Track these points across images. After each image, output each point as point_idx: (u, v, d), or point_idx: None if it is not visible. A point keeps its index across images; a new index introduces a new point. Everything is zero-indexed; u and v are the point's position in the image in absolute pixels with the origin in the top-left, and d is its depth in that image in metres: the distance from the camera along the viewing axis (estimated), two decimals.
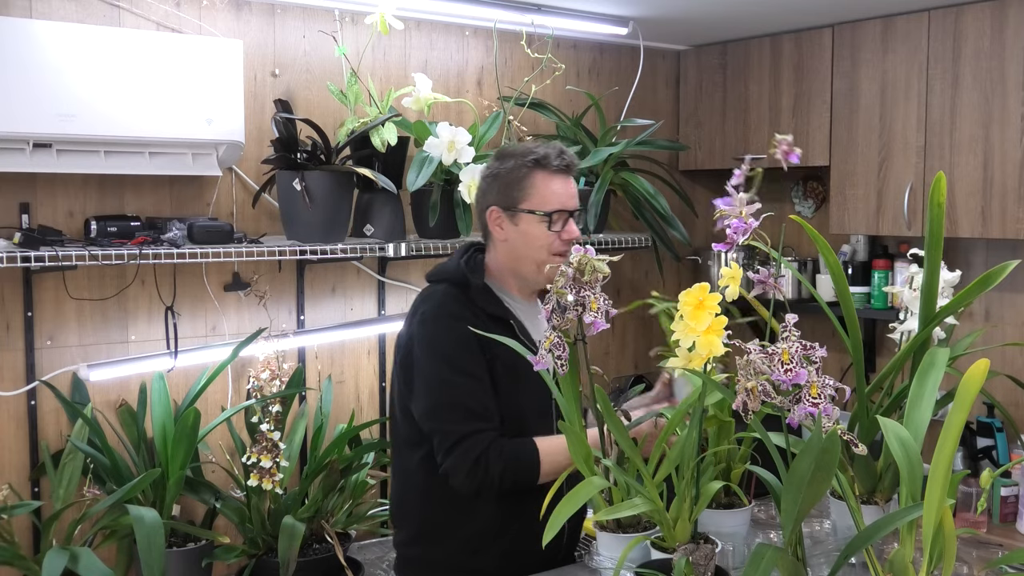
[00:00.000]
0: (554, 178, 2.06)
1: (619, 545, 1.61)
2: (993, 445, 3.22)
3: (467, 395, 1.95)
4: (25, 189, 2.58)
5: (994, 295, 3.38)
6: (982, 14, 3.08)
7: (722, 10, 3.31)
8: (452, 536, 2.03)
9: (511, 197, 2.05)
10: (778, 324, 1.42)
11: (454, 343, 1.97)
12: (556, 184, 2.06)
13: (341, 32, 2.98)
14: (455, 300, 2.03)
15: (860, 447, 1.40)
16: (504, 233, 2.07)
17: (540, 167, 2.05)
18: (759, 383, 1.37)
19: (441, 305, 2.03)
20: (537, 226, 2.03)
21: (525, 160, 2.06)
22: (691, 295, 1.49)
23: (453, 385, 1.95)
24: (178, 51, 2.58)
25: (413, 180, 2.75)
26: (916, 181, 3.27)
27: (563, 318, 1.61)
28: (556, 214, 2.03)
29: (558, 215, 2.04)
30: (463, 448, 1.90)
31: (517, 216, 2.05)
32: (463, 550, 2.02)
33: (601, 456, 1.70)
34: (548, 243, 2.04)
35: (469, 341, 1.93)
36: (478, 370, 1.96)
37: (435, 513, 2.04)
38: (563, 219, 2.05)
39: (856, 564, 1.63)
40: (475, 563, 2.02)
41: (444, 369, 1.96)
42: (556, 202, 2.05)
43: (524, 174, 2.05)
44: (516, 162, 2.07)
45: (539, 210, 2.03)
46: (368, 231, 2.89)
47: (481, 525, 2.01)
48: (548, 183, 2.05)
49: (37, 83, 2.38)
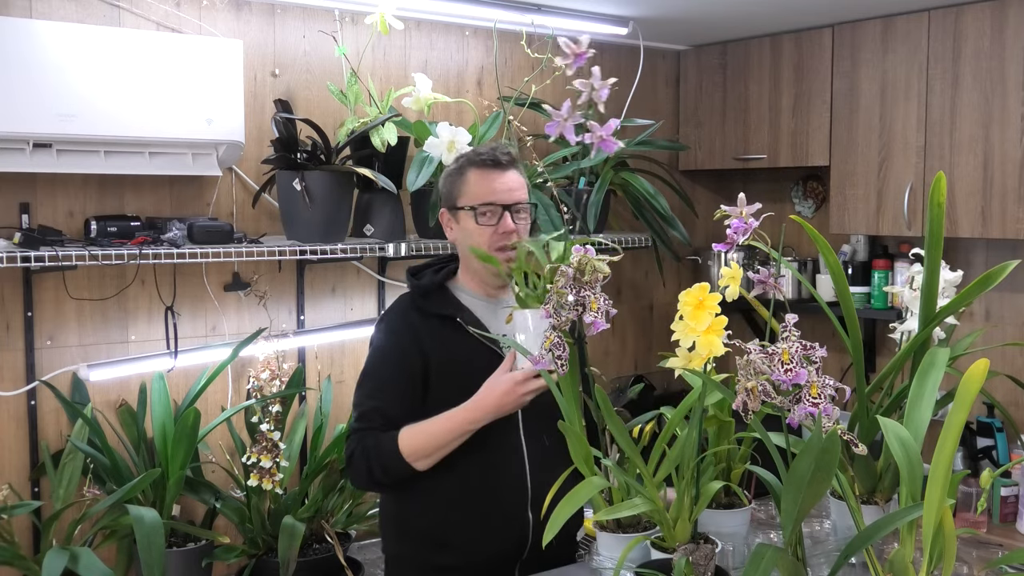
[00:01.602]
0: (486, 173, 2.08)
1: (619, 545, 1.61)
2: (993, 445, 3.22)
3: (365, 398, 2.07)
4: (25, 189, 2.58)
5: (994, 295, 3.38)
6: (982, 14, 3.08)
7: (722, 10, 3.31)
8: (413, 532, 2.09)
9: (451, 197, 2.11)
10: (778, 324, 1.42)
11: (374, 352, 2.12)
12: (487, 179, 2.07)
13: (341, 32, 2.98)
14: (401, 307, 2.14)
15: (860, 447, 1.40)
16: (453, 233, 2.13)
17: (472, 164, 2.09)
18: (759, 383, 1.37)
19: (385, 314, 2.18)
20: (472, 222, 2.06)
21: (462, 160, 2.13)
22: (691, 295, 1.49)
23: (360, 388, 2.10)
24: (178, 51, 2.58)
25: (413, 180, 2.75)
26: (916, 181, 3.27)
27: (563, 318, 1.61)
28: (483, 207, 2.05)
29: (485, 208, 2.05)
30: (346, 447, 2.05)
31: (457, 215, 2.10)
32: (426, 546, 2.07)
33: (602, 456, 1.71)
34: (484, 239, 2.05)
35: (390, 350, 2.08)
36: (391, 376, 2.06)
37: (397, 510, 2.13)
38: (494, 213, 2.05)
39: (856, 564, 1.63)
40: (441, 559, 2.05)
41: (361, 375, 2.12)
42: (484, 196, 2.06)
43: (460, 173, 2.11)
44: (457, 163, 2.14)
45: (468, 205, 2.06)
46: (368, 231, 2.89)
47: (434, 521, 2.05)
48: (479, 178, 2.08)
49: (37, 83, 2.38)
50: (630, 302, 3.96)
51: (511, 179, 2.09)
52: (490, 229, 2.05)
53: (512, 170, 2.11)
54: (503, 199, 2.06)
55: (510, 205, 2.07)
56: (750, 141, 3.78)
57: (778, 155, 3.70)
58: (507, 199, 2.07)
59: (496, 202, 2.06)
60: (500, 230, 2.05)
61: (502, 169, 2.09)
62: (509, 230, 2.05)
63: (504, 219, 2.05)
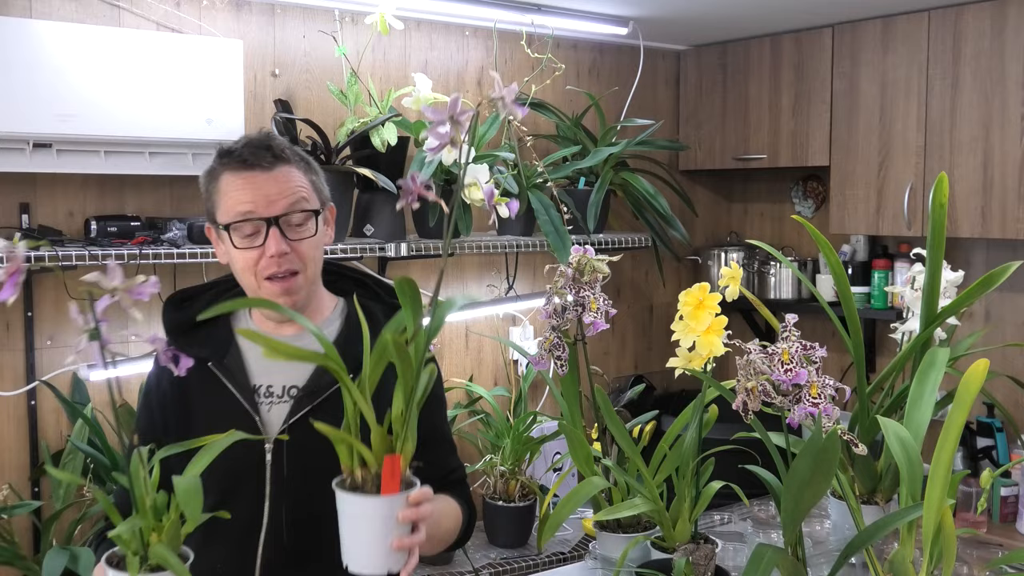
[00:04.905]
0: (238, 177, 1.57)
1: (619, 545, 1.61)
2: (993, 445, 3.22)
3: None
4: (25, 189, 2.58)
5: (995, 295, 3.38)
6: (982, 14, 3.08)
7: (722, 10, 3.31)
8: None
9: (208, 208, 1.63)
10: (778, 324, 1.42)
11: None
12: (239, 184, 1.57)
13: (341, 32, 2.98)
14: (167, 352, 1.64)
15: (860, 447, 1.40)
16: (219, 253, 1.66)
17: (223, 165, 1.60)
18: (759, 383, 1.37)
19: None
20: (230, 244, 1.58)
21: (214, 158, 1.62)
22: (691, 295, 1.49)
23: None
24: (178, 51, 2.58)
25: None
26: (916, 181, 3.27)
27: (563, 318, 1.61)
28: (236, 225, 1.56)
29: (240, 227, 1.56)
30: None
31: (218, 231, 1.61)
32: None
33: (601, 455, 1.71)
34: (248, 263, 1.58)
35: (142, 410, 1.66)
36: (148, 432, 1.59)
37: None
38: (255, 230, 1.56)
39: (856, 564, 1.63)
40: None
41: None
42: (237, 208, 1.56)
43: (213, 177, 1.61)
44: (213, 160, 1.63)
45: (222, 223, 1.58)
46: (368, 231, 2.89)
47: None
48: (231, 185, 1.58)
49: (37, 83, 2.38)
50: (630, 302, 3.96)
51: (273, 181, 1.57)
52: (253, 253, 1.56)
53: (279, 167, 1.58)
54: (263, 211, 1.55)
55: (276, 217, 1.56)
56: (750, 141, 3.78)
57: (778, 155, 3.70)
58: (268, 210, 1.55)
59: (254, 215, 1.55)
60: (266, 253, 1.55)
61: (260, 169, 1.57)
62: (275, 253, 1.55)
63: (270, 238, 1.55)
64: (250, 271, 1.58)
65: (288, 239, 1.56)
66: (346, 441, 1.22)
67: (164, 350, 1.19)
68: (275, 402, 1.60)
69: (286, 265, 1.56)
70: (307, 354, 1.23)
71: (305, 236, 1.59)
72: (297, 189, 1.58)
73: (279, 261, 1.55)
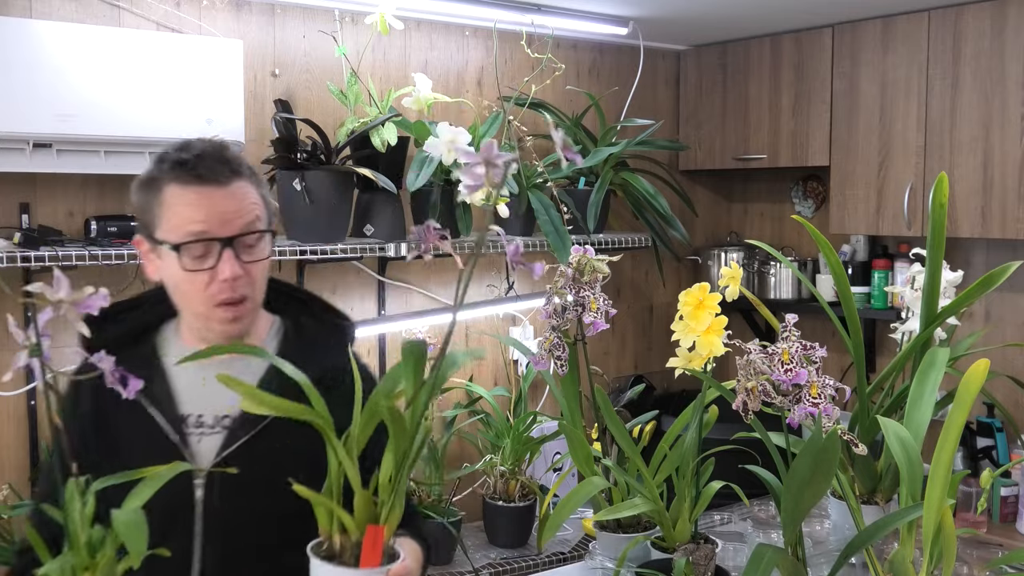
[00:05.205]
0: (188, 191, 1.41)
1: (619, 545, 1.61)
2: (993, 445, 3.22)
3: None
4: (25, 189, 2.58)
5: (994, 295, 3.38)
6: (982, 14, 3.08)
7: (722, 10, 3.31)
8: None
9: (146, 220, 1.46)
10: (778, 323, 1.42)
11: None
12: (191, 199, 1.41)
13: (341, 32, 2.98)
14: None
15: (860, 447, 1.40)
16: (153, 271, 1.49)
17: (170, 175, 1.43)
18: (759, 383, 1.37)
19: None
20: (175, 264, 1.42)
21: (158, 163, 1.45)
22: (691, 295, 1.49)
23: None
24: (178, 51, 2.58)
25: (413, 180, 2.75)
26: (916, 181, 3.27)
27: (563, 318, 1.61)
28: (187, 247, 1.40)
29: (190, 248, 1.40)
30: None
31: (157, 248, 1.45)
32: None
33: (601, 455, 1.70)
34: (197, 287, 1.42)
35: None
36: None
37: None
38: (207, 251, 1.41)
39: (856, 564, 1.63)
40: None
41: None
42: (185, 228, 1.40)
43: (154, 186, 1.44)
44: (153, 167, 1.46)
45: (168, 241, 1.42)
46: (368, 231, 2.89)
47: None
48: (179, 199, 1.42)
49: (37, 83, 2.38)
50: (630, 302, 3.96)
51: (230, 198, 1.43)
52: (203, 276, 1.42)
53: (236, 182, 1.43)
54: (217, 231, 1.41)
55: (231, 238, 1.42)
56: (750, 141, 3.78)
57: (778, 155, 3.70)
58: (223, 230, 1.41)
59: (208, 235, 1.40)
60: (219, 277, 1.41)
61: (216, 184, 1.42)
62: (229, 277, 1.41)
63: (223, 261, 1.41)
64: (198, 295, 1.43)
65: (242, 261, 1.43)
66: (326, 505, 1.13)
67: (112, 370, 1.09)
68: (206, 432, 1.46)
69: (241, 290, 1.43)
70: (295, 408, 1.12)
71: (258, 258, 1.45)
72: (252, 207, 1.45)
73: (233, 285, 1.42)
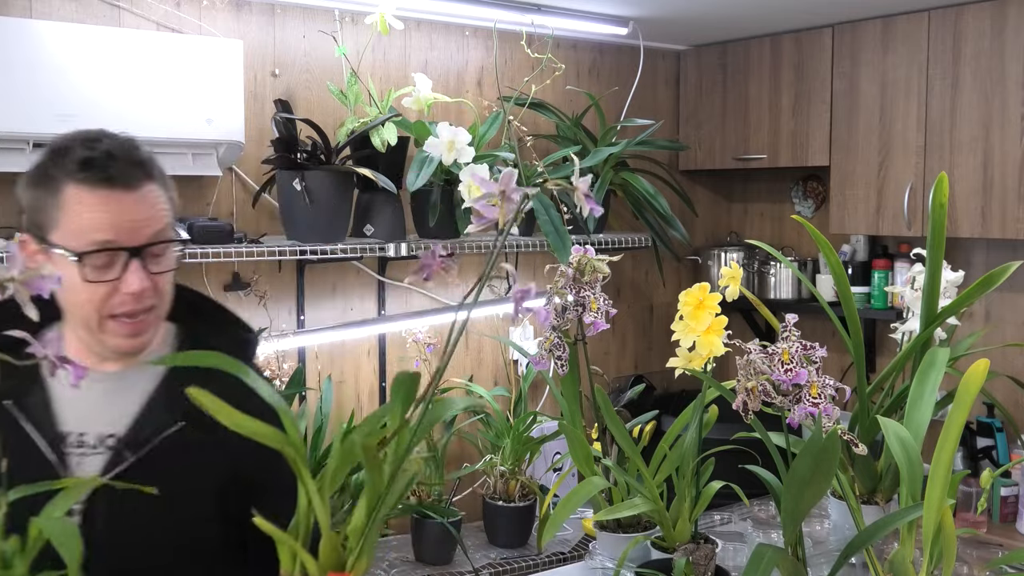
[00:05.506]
0: (92, 194, 1.27)
1: (619, 545, 1.61)
2: (993, 445, 3.22)
3: None
4: None
5: (994, 295, 3.38)
6: (982, 14, 3.08)
7: (722, 10, 3.31)
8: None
9: (37, 219, 1.33)
10: (778, 323, 1.42)
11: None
12: (96, 204, 1.27)
13: (341, 32, 2.98)
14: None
15: (860, 447, 1.40)
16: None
17: (72, 174, 1.29)
18: (759, 383, 1.37)
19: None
20: (72, 272, 1.27)
21: (55, 160, 1.31)
22: (691, 295, 1.49)
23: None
24: (178, 51, 2.58)
25: (413, 180, 2.75)
26: (916, 181, 3.27)
27: (563, 318, 1.61)
28: (90, 256, 1.27)
29: (93, 258, 1.27)
30: None
31: (49, 252, 1.30)
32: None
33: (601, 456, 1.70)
34: (96, 300, 1.29)
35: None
36: None
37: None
38: (110, 261, 1.28)
39: (856, 564, 1.63)
40: None
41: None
42: (89, 236, 1.27)
43: (52, 186, 1.30)
44: (47, 163, 1.32)
45: (67, 248, 1.28)
46: (368, 231, 2.89)
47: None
48: (81, 202, 1.28)
49: (37, 83, 2.38)
50: (630, 302, 3.96)
51: (141, 204, 1.31)
52: (104, 288, 1.28)
53: (147, 186, 1.32)
54: (125, 240, 1.28)
55: (140, 248, 1.29)
56: (750, 141, 3.78)
57: (778, 155, 3.70)
58: (132, 239, 1.29)
59: (115, 244, 1.28)
60: (124, 290, 1.29)
61: (126, 188, 1.29)
62: (136, 291, 1.29)
63: (130, 273, 1.28)
64: (94, 307, 1.29)
65: (149, 272, 1.30)
66: (291, 546, 1.05)
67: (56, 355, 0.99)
68: (88, 453, 1.33)
69: (146, 302, 1.31)
70: (269, 432, 1.03)
71: (166, 268, 1.33)
72: (163, 213, 1.34)
73: (138, 298, 1.29)
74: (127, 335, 1.32)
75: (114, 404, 1.35)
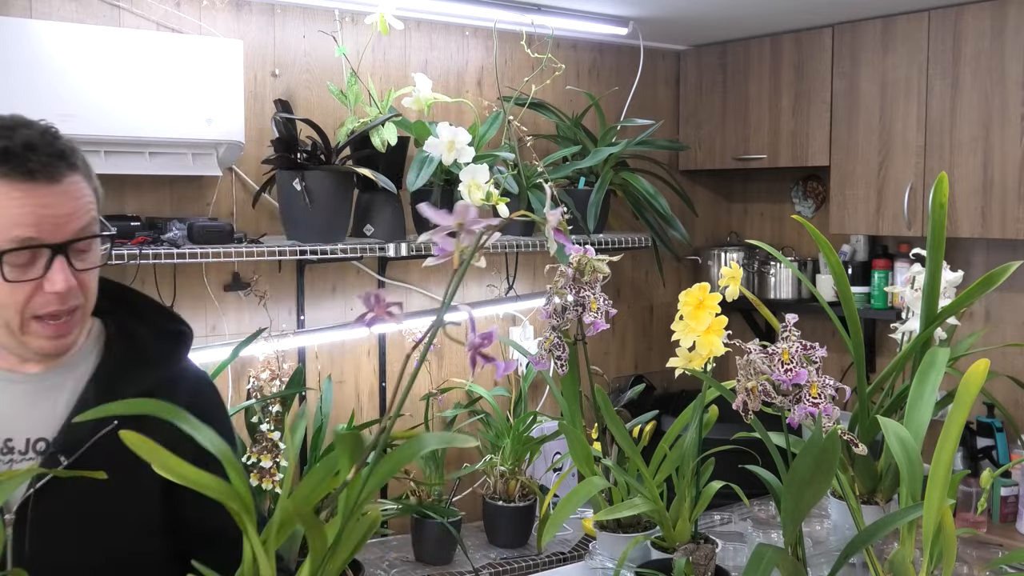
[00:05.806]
0: (12, 188, 1.20)
1: (619, 545, 1.61)
2: (993, 445, 3.22)
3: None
4: None
5: (994, 295, 3.38)
6: (982, 14, 3.08)
7: (722, 10, 3.31)
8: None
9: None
10: (778, 323, 1.42)
11: None
12: (16, 199, 1.20)
13: (341, 32, 2.98)
14: None
15: (860, 447, 1.40)
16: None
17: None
18: (759, 383, 1.37)
19: None
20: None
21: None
22: (691, 295, 1.49)
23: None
24: (178, 51, 2.58)
25: (413, 180, 2.75)
26: (916, 181, 3.27)
27: (563, 318, 1.61)
28: (10, 254, 1.20)
29: (13, 256, 1.20)
30: None
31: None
32: None
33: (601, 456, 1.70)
34: (16, 300, 1.22)
35: None
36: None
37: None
38: (36, 260, 1.22)
39: (856, 564, 1.63)
40: None
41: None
42: (10, 234, 1.20)
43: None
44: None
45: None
46: (368, 231, 2.89)
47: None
48: (3, 196, 1.20)
49: (37, 83, 2.38)
50: (630, 302, 3.96)
51: (64, 198, 1.23)
52: (25, 288, 1.22)
53: (70, 178, 1.23)
54: (48, 237, 1.21)
55: (63, 244, 1.22)
56: (750, 141, 3.79)
57: (778, 155, 3.70)
58: (55, 235, 1.22)
59: (36, 241, 1.20)
60: (49, 289, 1.22)
61: (48, 182, 1.21)
62: (62, 289, 1.22)
63: (55, 271, 1.21)
64: (15, 307, 1.22)
65: (74, 269, 1.23)
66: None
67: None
68: (16, 460, 1.28)
69: (72, 301, 1.24)
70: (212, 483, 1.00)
71: (93, 265, 1.26)
72: (88, 206, 1.26)
73: (63, 297, 1.22)
74: (51, 336, 1.25)
75: (39, 407, 1.29)
